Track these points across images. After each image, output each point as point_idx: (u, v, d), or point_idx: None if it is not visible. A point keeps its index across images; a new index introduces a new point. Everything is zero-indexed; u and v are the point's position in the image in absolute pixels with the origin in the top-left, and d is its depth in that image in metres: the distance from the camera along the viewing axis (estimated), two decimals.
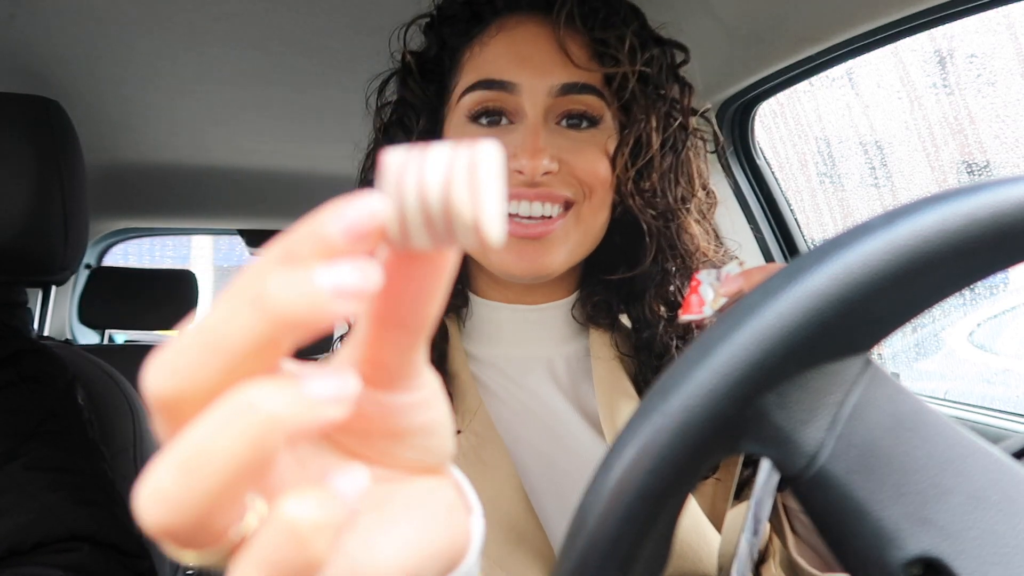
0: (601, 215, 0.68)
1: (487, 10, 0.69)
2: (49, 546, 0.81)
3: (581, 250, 0.69)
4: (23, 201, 0.95)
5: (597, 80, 0.67)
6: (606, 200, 0.68)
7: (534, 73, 0.65)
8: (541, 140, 0.64)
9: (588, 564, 0.28)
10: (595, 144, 0.67)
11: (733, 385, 0.28)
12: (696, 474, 0.30)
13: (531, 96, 0.65)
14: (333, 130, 1.65)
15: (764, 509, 0.33)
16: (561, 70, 0.65)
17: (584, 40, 0.66)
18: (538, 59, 0.66)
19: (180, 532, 0.19)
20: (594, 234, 0.69)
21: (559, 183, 0.65)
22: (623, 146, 0.67)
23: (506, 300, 0.73)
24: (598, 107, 0.67)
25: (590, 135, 0.67)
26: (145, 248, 3.96)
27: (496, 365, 0.73)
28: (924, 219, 0.27)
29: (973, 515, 0.28)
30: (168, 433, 0.20)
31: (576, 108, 0.66)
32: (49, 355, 0.98)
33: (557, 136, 0.66)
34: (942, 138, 1.31)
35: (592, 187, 0.66)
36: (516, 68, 0.66)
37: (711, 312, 0.56)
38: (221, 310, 0.19)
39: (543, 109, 0.65)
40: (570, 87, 0.65)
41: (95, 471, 0.92)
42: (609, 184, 0.68)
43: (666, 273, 0.71)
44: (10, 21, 1.16)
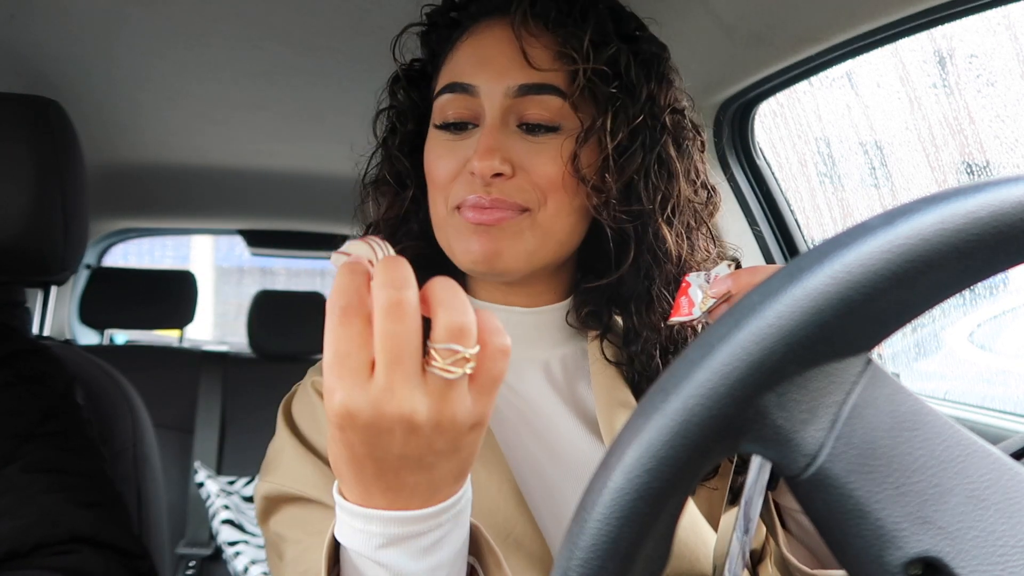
0: (563, 220, 0.67)
1: (464, 16, 0.70)
2: (48, 548, 0.81)
3: (544, 254, 0.67)
4: (23, 201, 0.95)
5: (560, 80, 0.65)
6: (567, 205, 0.66)
7: (492, 75, 0.66)
8: (495, 141, 0.64)
9: (588, 565, 0.28)
10: (553, 147, 0.65)
11: (733, 385, 0.28)
12: (696, 474, 0.30)
13: (489, 98, 0.66)
14: (333, 130, 1.65)
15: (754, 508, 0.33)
16: (519, 71, 0.65)
17: (547, 41, 0.66)
18: (498, 61, 0.66)
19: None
20: (559, 239, 0.67)
21: (513, 189, 0.65)
22: (580, 146, 0.65)
23: (502, 302, 0.73)
24: (557, 109, 0.65)
25: (548, 139, 0.66)
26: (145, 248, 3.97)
27: None
28: (924, 219, 0.27)
29: (973, 515, 0.28)
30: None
31: (534, 112, 0.65)
32: (48, 355, 0.98)
33: (515, 139, 0.65)
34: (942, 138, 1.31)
35: (547, 193, 0.65)
36: (477, 70, 0.66)
37: (700, 314, 0.56)
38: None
39: (501, 111, 0.65)
40: (528, 88, 0.65)
41: (94, 472, 0.91)
42: (572, 188, 0.66)
43: (650, 281, 0.69)
44: (10, 21, 1.16)
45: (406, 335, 0.37)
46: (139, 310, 2.33)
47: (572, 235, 0.69)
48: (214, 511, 1.72)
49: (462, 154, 0.66)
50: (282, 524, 0.64)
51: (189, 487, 1.87)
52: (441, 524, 0.43)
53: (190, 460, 1.88)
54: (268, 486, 0.66)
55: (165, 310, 2.37)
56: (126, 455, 1.13)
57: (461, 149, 0.67)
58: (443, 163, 0.67)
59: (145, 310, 2.34)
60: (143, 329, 2.68)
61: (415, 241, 0.73)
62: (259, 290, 2.23)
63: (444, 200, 0.67)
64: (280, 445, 0.68)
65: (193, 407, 1.94)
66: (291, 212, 2.30)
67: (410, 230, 0.74)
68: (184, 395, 1.95)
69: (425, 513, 0.42)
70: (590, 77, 0.65)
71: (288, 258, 2.75)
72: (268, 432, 0.72)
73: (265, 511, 0.66)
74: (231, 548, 1.66)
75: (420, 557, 0.43)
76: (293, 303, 2.22)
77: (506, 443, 0.68)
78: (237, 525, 1.70)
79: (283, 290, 2.30)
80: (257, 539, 1.69)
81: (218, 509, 1.71)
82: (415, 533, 0.42)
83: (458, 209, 0.66)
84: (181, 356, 2.14)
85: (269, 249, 2.50)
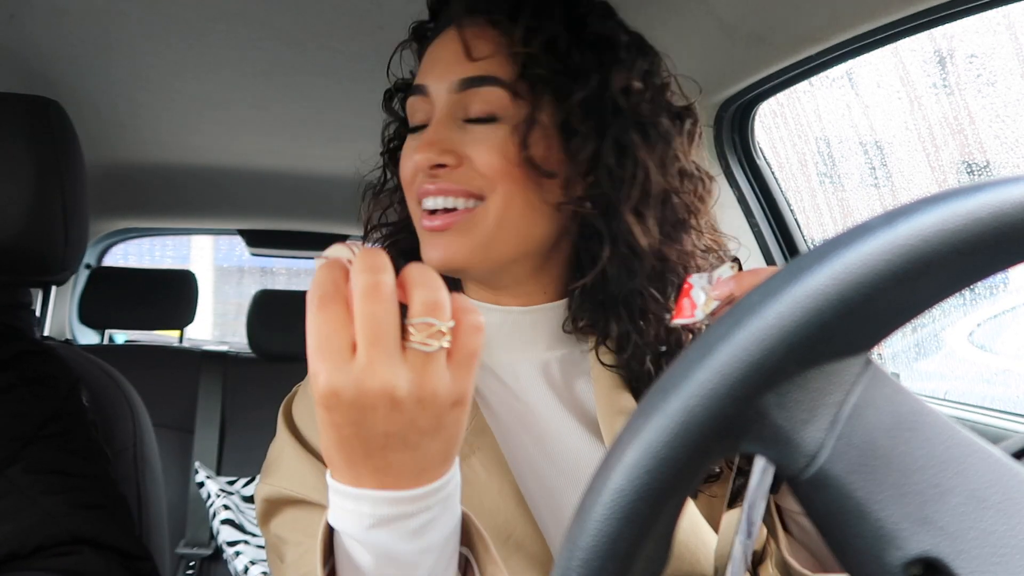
0: (516, 212, 0.65)
1: (439, 26, 0.72)
2: (49, 549, 0.81)
3: (502, 247, 0.66)
4: (23, 201, 0.95)
5: (502, 71, 0.66)
6: (519, 196, 0.65)
7: (439, 74, 0.67)
8: (435, 134, 0.65)
9: (588, 565, 0.28)
10: (495, 137, 0.65)
11: (733, 385, 0.28)
12: (696, 475, 0.30)
13: (437, 95, 0.67)
14: (333, 130, 1.65)
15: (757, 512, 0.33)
16: (461, 66, 0.66)
17: (489, 35, 0.66)
18: (444, 60, 0.68)
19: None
20: (517, 231, 0.66)
21: (461, 177, 0.65)
22: (526, 136, 0.64)
23: (496, 302, 0.72)
24: (499, 99, 0.65)
25: (489, 129, 0.66)
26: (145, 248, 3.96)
27: (491, 369, 0.72)
28: (924, 219, 0.27)
29: (973, 515, 0.28)
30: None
31: (477, 107, 0.66)
32: (53, 357, 0.98)
33: (459, 132, 0.66)
34: (942, 138, 1.31)
35: (495, 182, 0.65)
36: (428, 71, 0.69)
37: (703, 316, 0.56)
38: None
39: (447, 106, 0.66)
40: (469, 81, 0.66)
41: (97, 473, 0.91)
42: (522, 179, 0.65)
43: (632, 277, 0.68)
44: (10, 21, 1.16)
45: (384, 315, 0.39)
46: (139, 310, 2.33)
47: (533, 227, 0.67)
48: (214, 511, 1.72)
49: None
50: (283, 526, 0.64)
51: (189, 487, 1.87)
52: (430, 507, 0.44)
53: (190, 460, 1.88)
54: (268, 488, 0.66)
55: (165, 310, 2.37)
56: (126, 455, 1.13)
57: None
58: (406, 163, 0.69)
59: (145, 310, 2.34)
60: (143, 329, 2.68)
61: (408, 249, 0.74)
62: (259, 290, 2.23)
63: (413, 198, 0.69)
64: (280, 447, 0.68)
65: (193, 407, 1.94)
66: (291, 212, 2.30)
67: (396, 242, 0.75)
68: (184, 395, 1.95)
69: (413, 494, 0.43)
70: (525, 63, 0.65)
71: (288, 258, 2.75)
72: (268, 432, 0.72)
73: (266, 513, 0.66)
74: (231, 548, 1.66)
75: (410, 539, 0.44)
76: (293, 303, 2.22)
77: (506, 445, 0.68)
78: (237, 525, 1.70)
79: (283, 290, 2.30)
80: (257, 539, 1.69)
81: (218, 509, 1.71)
82: (404, 514, 0.43)
83: (420, 205, 0.67)
84: (181, 356, 2.14)
85: (269, 249, 2.50)
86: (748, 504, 0.33)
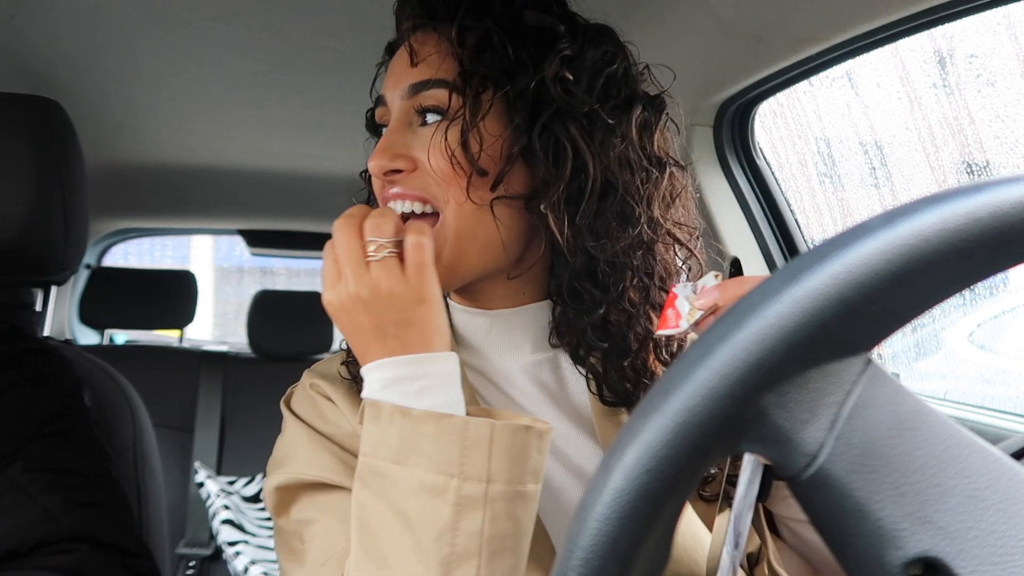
0: (471, 219, 0.65)
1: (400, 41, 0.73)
2: (48, 547, 0.81)
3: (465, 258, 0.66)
4: (23, 201, 0.95)
5: (448, 74, 0.66)
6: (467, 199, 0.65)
7: (392, 83, 0.69)
8: (388, 141, 0.67)
9: (588, 565, 0.28)
10: (441, 136, 0.65)
11: (733, 385, 0.28)
12: (696, 475, 0.30)
13: (391, 103, 0.69)
14: (333, 130, 1.65)
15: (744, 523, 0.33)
16: (409, 73, 0.67)
17: (435, 40, 0.67)
18: (397, 70, 0.69)
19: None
20: (474, 237, 0.65)
21: (415, 182, 0.66)
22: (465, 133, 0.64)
23: (479, 307, 0.72)
24: (442, 99, 0.66)
25: (437, 129, 0.65)
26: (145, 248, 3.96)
27: (484, 374, 0.72)
28: (924, 219, 0.27)
29: (973, 515, 0.28)
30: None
31: (421, 103, 0.67)
32: (55, 356, 0.98)
33: (412, 136, 0.67)
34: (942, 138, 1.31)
35: (444, 186, 0.65)
36: (385, 83, 0.71)
37: (687, 326, 0.56)
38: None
39: (399, 113, 0.68)
40: (416, 86, 0.67)
41: (98, 472, 0.91)
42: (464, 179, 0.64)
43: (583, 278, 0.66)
44: (10, 21, 1.16)
45: (348, 241, 0.57)
46: (139, 310, 2.33)
47: (491, 232, 0.66)
48: (214, 511, 1.72)
49: None
50: (305, 509, 0.65)
51: (189, 487, 1.87)
52: (426, 374, 0.57)
53: (190, 460, 1.88)
54: (284, 476, 0.66)
55: (165, 310, 2.37)
56: (126, 455, 1.13)
57: None
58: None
59: (145, 310, 2.34)
60: (143, 329, 2.68)
61: None
62: (259, 290, 2.23)
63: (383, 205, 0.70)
64: (292, 437, 0.69)
65: (193, 407, 1.94)
66: (291, 212, 2.30)
67: None
68: (184, 395, 1.95)
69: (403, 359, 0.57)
70: (462, 61, 0.65)
71: (288, 258, 2.75)
72: (268, 432, 0.72)
73: (282, 502, 0.66)
74: (231, 548, 1.66)
75: (414, 399, 0.56)
76: (293, 303, 2.22)
77: None
78: (237, 525, 1.70)
79: (283, 290, 2.30)
80: (257, 539, 1.69)
81: (218, 509, 1.71)
82: (402, 376, 0.57)
83: None
84: (181, 356, 2.14)
85: (269, 249, 2.50)
86: (735, 515, 0.33)
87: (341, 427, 0.67)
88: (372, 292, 0.56)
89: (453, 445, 0.54)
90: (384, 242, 0.56)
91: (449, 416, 0.54)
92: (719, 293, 0.55)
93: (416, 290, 0.56)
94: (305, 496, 0.65)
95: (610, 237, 0.65)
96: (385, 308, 0.56)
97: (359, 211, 0.59)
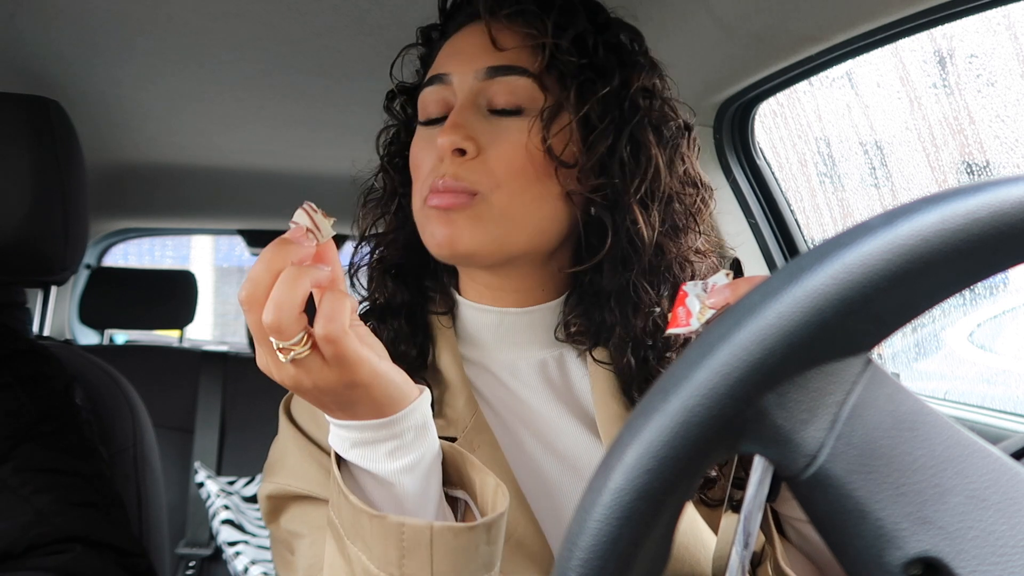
0: (527, 206, 0.66)
1: (451, 26, 0.73)
2: (42, 548, 0.81)
3: (516, 241, 0.67)
4: (23, 201, 0.95)
5: (527, 62, 0.67)
6: (532, 189, 0.66)
7: (463, 61, 0.68)
8: (460, 118, 0.66)
9: (588, 565, 0.28)
10: (518, 127, 0.66)
11: (733, 385, 0.28)
12: (696, 475, 0.30)
13: (460, 82, 0.68)
14: (333, 130, 1.65)
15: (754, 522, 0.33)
16: (487, 55, 0.67)
17: (515, 27, 0.68)
18: (468, 50, 0.69)
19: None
20: (530, 225, 0.67)
21: (468, 171, 0.65)
22: (548, 126, 0.65)
23: (492, 303, 0.72)
24: (525, 89, 0.66)
25: (514, 121, 0.67)
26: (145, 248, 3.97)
27: (487, 368, 0.73)
28: (924, 219, 0.27)
29: (973, 515, 0.28)
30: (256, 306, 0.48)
31: (502, 97, 0.67)
32: (46, 356, 0.98)
33: (482, 121, 0.67)
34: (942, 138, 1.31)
35: (504, 177, 0.65)
36: (449, 60, 0.70)
37: (698, 325, 0.55)
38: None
39: (470, 93, 0.67)
40: (495, 69, 0.67)
41: (91, 472, 0.91)
42: (535, 172, 0.66)
43: (628, 271, 0.69)
44: (10, 21, 1.16)
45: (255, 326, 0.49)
46: (139, 310, 2.33)
47: (546, 222, 0.68)
48: (214, 511, 1.72)
49: (435, 145, 0.67)
50: (293, 521, 0.65)
51: (189, 487, 1.87)
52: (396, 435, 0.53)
53: (190, 460, 1.88)
54: (273, 486, 0.66)
55: (165, 310, 2.37)
56: (126, 455, 1.13)
57: (435, 140, 0.67)
58: (422, 155, 0.69)
59: (145, 310, 2.34)
60: (143, 329, 2.68)
61: (399, 250, 0.74)
62: None
63: (420, 194, 0.68)
64: (284, 446, 0.69)
65: (193, 407, 1.94)
66: (291, 212, 2.28)
67: (395, 240, 0.75)
68: (184, 395, 1.95)
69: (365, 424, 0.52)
70: (554, 53, 0.66)
71: None
72: (268, 432, 0.72)
73: (273, 510, 0.67)
74: (231, 548, 1.66)
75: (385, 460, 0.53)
76: None
77: (506, 443, 0.68)
78: (237, 525, 1.70)
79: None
80: (257, 539, 1.69)
81: (218, 509, 1.71)
82: (368, 440, 0.53)
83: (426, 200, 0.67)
84: (181, 356, 2.13)
85: None
86: (745, 514, 0.33)
87: None
88: (295, 385, 0.50)
89: (391, 546, 0.50)
90: (290, 345, 0.48)
91: (382, 517, 0.50)
92: (730, 291, 0.55)
93: (344, 378, 0.49)
94: (293, 507, 0.65)
95: (669, 241, 0.70)
96: (316, 396, 0.51)
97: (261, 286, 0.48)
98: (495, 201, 0.65)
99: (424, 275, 0.75)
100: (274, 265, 0.49)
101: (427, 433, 0.54)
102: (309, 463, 0.66)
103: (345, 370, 0.49)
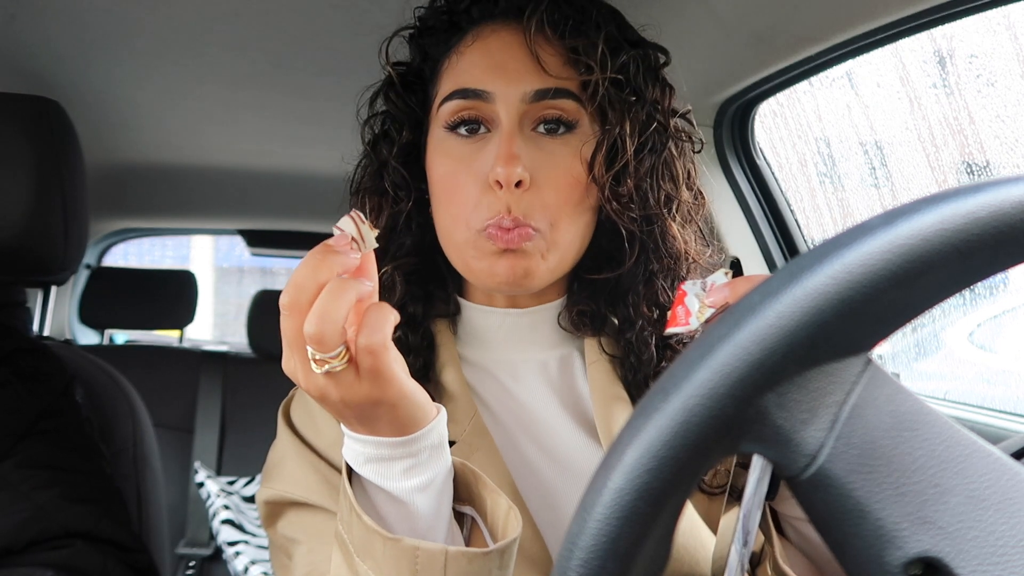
0: (575, 232, 0.67)
1: (464, 19, 0.70)
2: (42, 544, 0.82)
3: (565, 264, 0.68)
4: (23, 201, 0.95)
5: (573, 85, 0.66)
6: (578, 215, 0.67)
7: (508, 81, 0.65)
8: (516, 147, 0.64)
9: (588, 565, 0.28)
10: (570, 150, 0.66)
11: (733, 385, 0.28)
12: (696, 474, 0.30)
13: (505, 104, 0.65)
14: (333, 129, 1.64)
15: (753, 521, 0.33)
16: (534, 76, 0.65)
17: (558, 47, 0.66)
18: (512, 67, 0.66)
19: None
20: (576, 246, 0.69)
21: (528, 207, 0.64)
22: (598, 151, 0.66)
23: (496, 304, 0.72)
24: (574, 111, 0.66)
25: (564, 141, 0.66)
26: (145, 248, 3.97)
27: (488, 370, 0.72)
28: (924, 219, 0.28)
29: (973, 515, 0.28)
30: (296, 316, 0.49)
31: (551, 113, 0.66)
32: (46, 354, 0.98)
33: (531, 145, 0.65)
34: (942, 138, 1.31)
35: (556, 207, 0.65)
36: (491, 76, 0.66)
37: (697, 324, 0.55)
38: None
39: (517, 115, 0.65)
40: (543, 92, 0.65)
41: (91, 469, 0.92)
42: (581, 195, 0.67)
43: (651, 274, 0.71)
44: (10, 21, 1.16)
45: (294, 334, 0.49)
46: (139, 310, 2.33)
47: (585, 237, 0.70)
48: (214, 511, 1.72)
49: (478, 168, 0.65)
50: (290, 527, 0.65)
51: (189, 487, 1.87)
52: (412, 454, 0.52)
53: (190, 460, 1.88)
54: (270, 492, 0.66)
55: (165, 310, 2.37)
56: (126, 455, 1.13)
57: (477, 161, 0.65)
58: (461, 176, 0.66)
59: (145, 310, 2.34)
60: (143, 329, 2.68)
61: (406, 256, 0.71)
62: (259, 290, 2.23)
63: (466, 223, 0.65)
64: (282, 451, 0.68)
65: (193, 407, 1.94)
66: (291, 212, 2.29)
67: (402, 244, 0.72)
68: (184, 395, 1.95)
69: (384, 440, 0.52)
70: (607, 85, 0.65)
71: (288, 258, 2.75)
72: (268, 432, 0.72)
73: (270, 515, 0.67)
74: (231, 548, 1.66)
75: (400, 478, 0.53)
76: None
77: (505, 446, 0.68)
78: (237, 525, 1.70)
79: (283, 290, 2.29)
80: (257, 539, 1.69)
81: (218, 509, 1.71)
82: (384, 456, 0.52)
83: (481, 230, 0.64)
84: (181, 356, 2.13)
85: (269, 249, 2.50)
86: (744, 513, 0.33)
87: (333, 436, 0.67)
88: (321, 396, 0.50)
89: (404, 568, 0.50)
90: (327, 357, 0.47)
91: (396, 540, 0.50)
92: (729, 290, 0.55)
93: (373, 394, 0.49)
94: (291, 513, 0.65)
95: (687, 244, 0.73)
96: (339, 409, 0.50)
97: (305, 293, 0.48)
98: (553, 237, 0.66)
99: (429, 279, 0.74)
100: (320, 274, 0.48)
101: (442, 452, 0.54)
102: (307, 470, 0.66)
103: (376, 386, 0.48)
